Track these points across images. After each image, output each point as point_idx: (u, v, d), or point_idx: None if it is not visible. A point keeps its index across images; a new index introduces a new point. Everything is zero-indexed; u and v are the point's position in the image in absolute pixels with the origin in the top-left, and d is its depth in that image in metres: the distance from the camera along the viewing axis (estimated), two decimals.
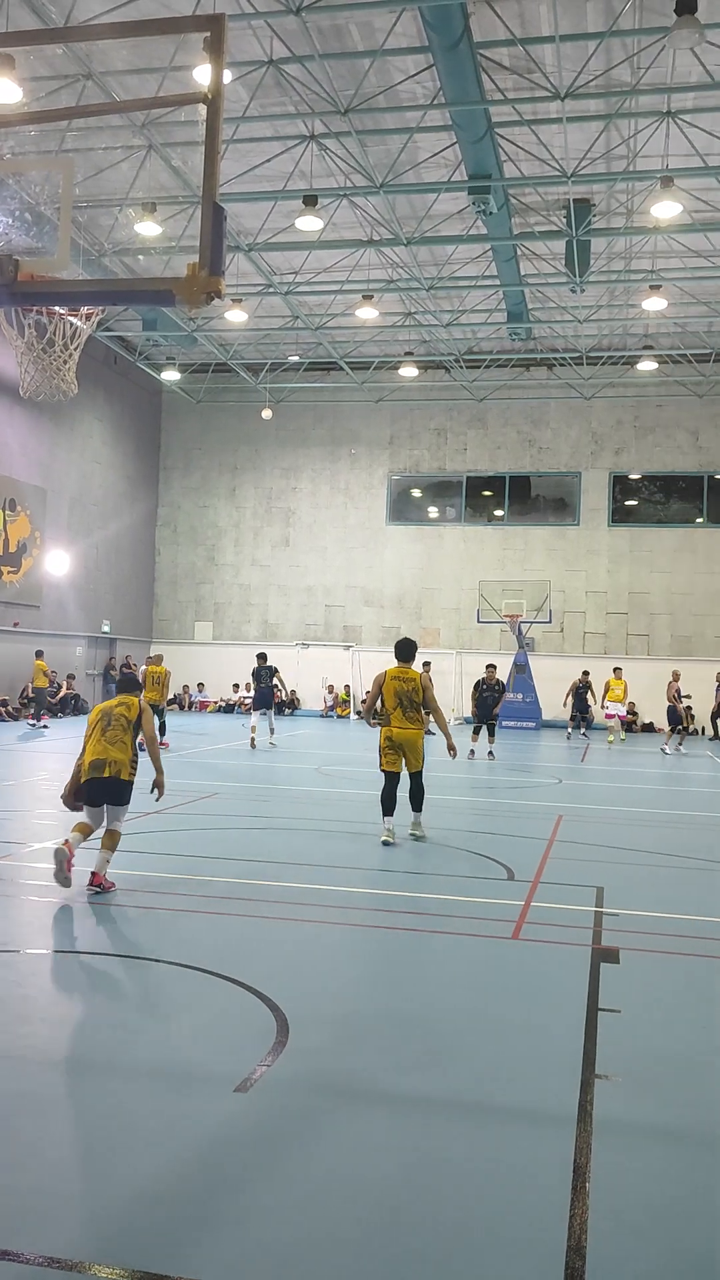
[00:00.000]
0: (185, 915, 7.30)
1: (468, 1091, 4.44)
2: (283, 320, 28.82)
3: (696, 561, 31.51)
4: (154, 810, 11.31)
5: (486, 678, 19.47)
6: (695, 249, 22.75)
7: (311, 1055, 4.75)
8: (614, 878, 8.86)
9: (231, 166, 19.48)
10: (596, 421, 32.33)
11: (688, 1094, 4.52)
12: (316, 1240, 3.28)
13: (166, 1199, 3.49)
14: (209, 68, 4.38)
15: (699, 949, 6.73)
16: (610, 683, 25.82)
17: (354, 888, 8.11)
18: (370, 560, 33.71)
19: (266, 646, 30.68)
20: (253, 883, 8.24)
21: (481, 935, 6.90)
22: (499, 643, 32.01)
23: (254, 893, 7.90)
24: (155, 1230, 3.30)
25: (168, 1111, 4.16)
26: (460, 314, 27.59)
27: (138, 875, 8.19)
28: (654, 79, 17.13)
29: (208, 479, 35.05)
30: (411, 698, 10.12)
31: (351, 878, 8.51)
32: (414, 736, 10.20)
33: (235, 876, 8.47)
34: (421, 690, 10.20)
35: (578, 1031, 5.11)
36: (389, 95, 17.86)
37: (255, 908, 7.46)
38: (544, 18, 15.81)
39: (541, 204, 21.67)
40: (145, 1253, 3.16)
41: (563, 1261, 3.19)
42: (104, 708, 7.96)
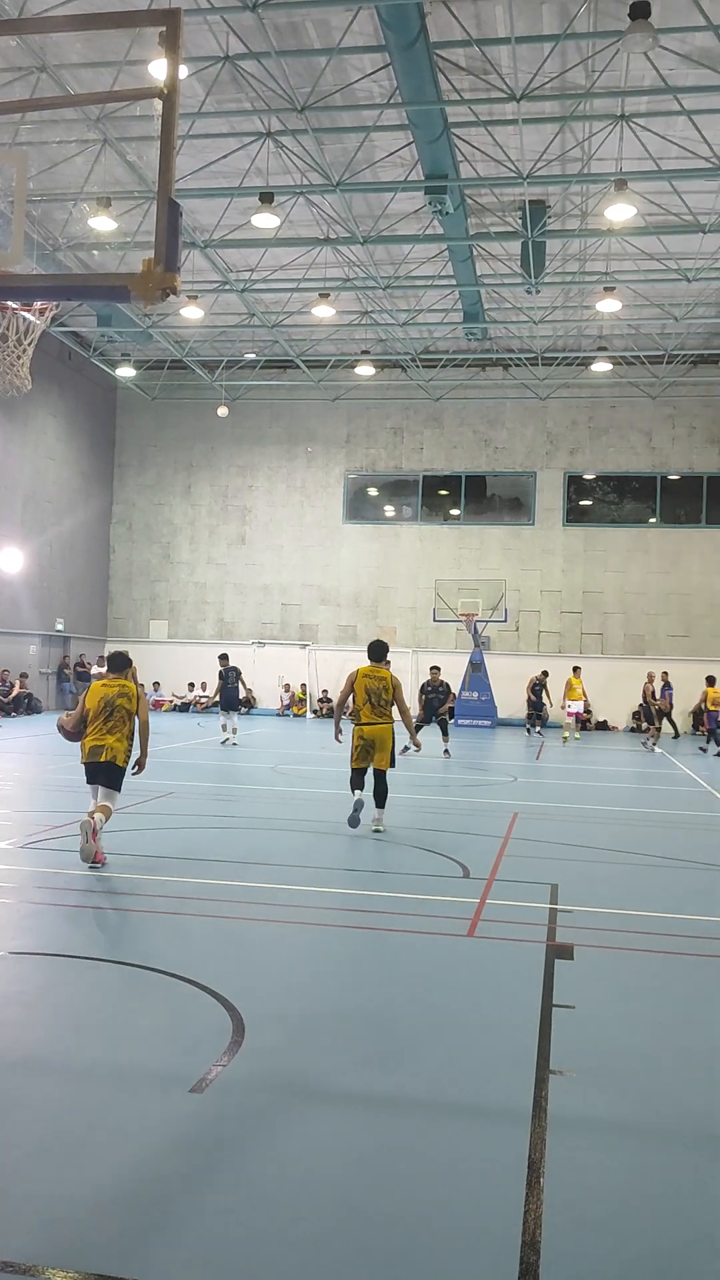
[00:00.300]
0: (140, 916, 7.25)
1: (423, 1088, 4.46)
2: (239, 318, 28.72)
3: (649, 561, 31.86)
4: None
5: (431, 679, 19.68)
6: (649, 252, 23.00)
7: (267, 1055, 4.74)
8: (568, 875, 8.93)
9: (187, 162, 19.37)
10: (551, 422, 32.58)
11: (641, 1088, 4.57)
12: (272, 1239, 3.28)
13: (121, 1201, 3.46)
14: (165, 62, 4.36)
15: (652, 945, 6.80)
16: (571, 681, 26.16)
17: (310, 887, 8.10)
18: (327, 559, 33.70)
19: (223, 645, 30.58)
20: (209, 882, 8.21)
21: (437, 933, 6.92)
22: (455, 641, 32.15)
23: (210, 892, 7.87)
24: (110, 1232, 3.28)
25: (122, 1113, 4.14)
26: (417, 313, 27.66)
27: (93, 875, 8.13)
28: (608, 82, 17.28)
29: (163, 476, 34.83)
30: (381, 695, 10.54)
31: (308, 877, 8.50)
32: (383, 732, 10.53)
33: (191, 876, 8.42)
34: (392, 688, 10.62)
35: (532, 1027, 5.15)
36: (345, 94, 17.86)
37: (211, 907, 7.43)
38: (500, 19, 15.90)
39: (497, 205, 21.79)
40: (100, 1255, 3.13)
41: (517, 1256, 3.21)
42: (106, 696, 8.55)
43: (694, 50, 16.23)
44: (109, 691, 8.59)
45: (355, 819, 10.30)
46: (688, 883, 9.00)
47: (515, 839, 10.70)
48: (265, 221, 20.42)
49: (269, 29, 16.08)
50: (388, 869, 9.22)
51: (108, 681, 8.75)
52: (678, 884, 8.93)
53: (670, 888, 8.76)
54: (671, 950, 6.72)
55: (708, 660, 31.02)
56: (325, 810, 12.41)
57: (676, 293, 25.67)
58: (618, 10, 15.23)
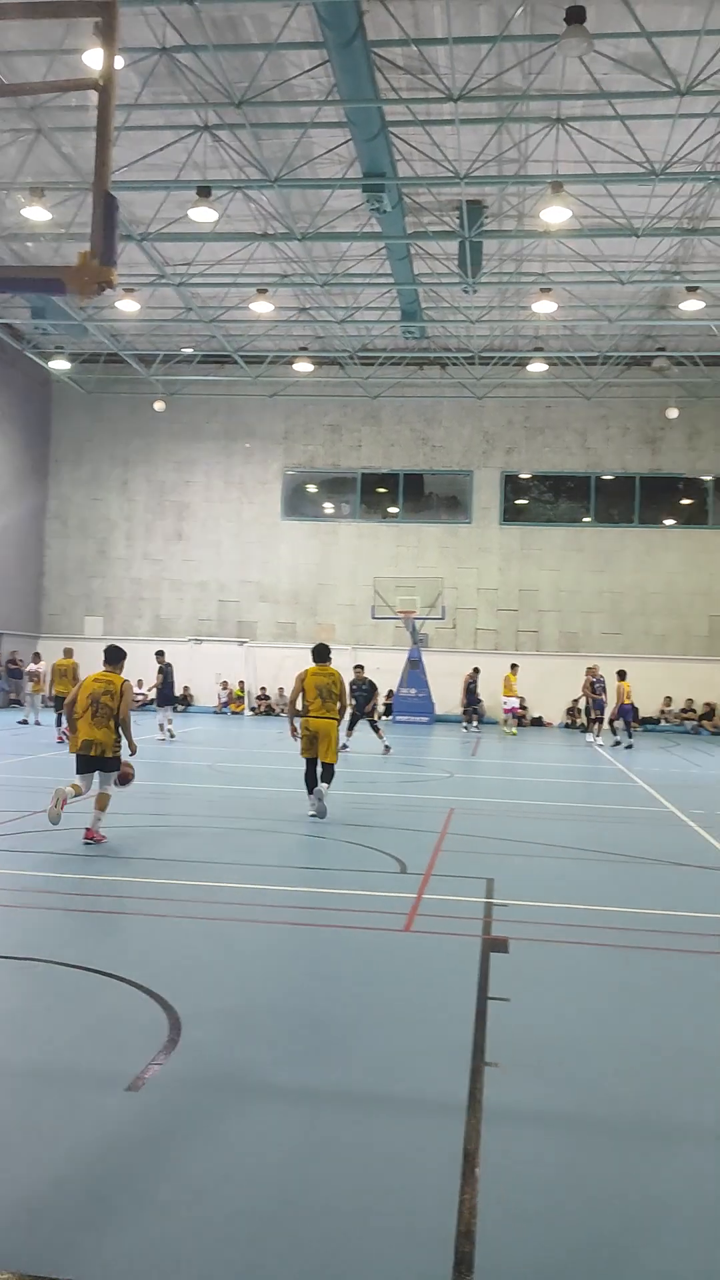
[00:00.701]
0: (75, 915, 7.18)
1: (358, 1083, 4.48)
2: (176, 312, 28.49)
3: (584, 560, 32.29)
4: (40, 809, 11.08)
5: (356, 677, 19.77)
6: (584, 254, 23.28)
7: (203, 1052, 4.73)
8: (504, 869, 9.02)
9: (123, 154, 19.16)
10: (488, 421, 32.84)
11: (574, 1078, 4.64)
12: (208, 1235, 3.28)
13: (56, 1201, 3.44)
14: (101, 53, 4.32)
15: (585, 937, 6.91)
16: (508, 678, 26.54)
17: (247, 884, 8.09)
18: (265, 555, 33.59)
19: (159, 642, 30.31)
20: (144, 881, 8.15)
21: (374, 928, 6.96)
22: (393, 639, 32.27)
23: (145, 891, 7.82)
24: (45, 1233, 3.25)
25: (57, 1113, 4.10)
26: (355, 311, 27.69)
27: (27, 875, 8.03)
28: (544, 85, 17.46)
29: (99, 471, 34.43)
30: (330, 689, 11.45)
31: (244, 874, 8.48)
32: (329, 726, 11.37)
33: (126, 875, 8.36)
34: (339, 685, 11.57)
35: (468, 1020, 5.20)
36: (283, 89, 17.81)
37: (147, 906, 7.38)
38: (437, 19, 15.97)
39: (435, 204, 21.89)
40: (36, 1256, 3.11)
41: (452, 1246, 3.25)
42: (94, 692, 9.46)
43: (628, 56, 16.47)
44: (97, 688, 9.49)
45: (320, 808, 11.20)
46: (621, 876, 9.15)
47: (452, 834, 10.79)
48: (203, 215, 20.28)
49: (206, 22, 15.98)
50: (324, 865, 9.23)
51: (98, 676, 9.64)
52: (611, 877, 9.08)
53: (603, 881, 8.90)
54: (604, 943, 6.83)
55: (638, 657, 31.55)
56: (262, 808, 12.39)
57: (611, 295, 26.03)
58: (554, 14, 15.39)
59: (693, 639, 31.76)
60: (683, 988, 6.00)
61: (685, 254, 23.73)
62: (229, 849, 9.78)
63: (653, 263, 23.71)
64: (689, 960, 6.59)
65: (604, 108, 17.71)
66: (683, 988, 6.00)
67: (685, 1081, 4.66)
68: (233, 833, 10.68)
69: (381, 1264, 3.17)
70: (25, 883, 7.84)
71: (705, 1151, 4.02)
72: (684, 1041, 5.15)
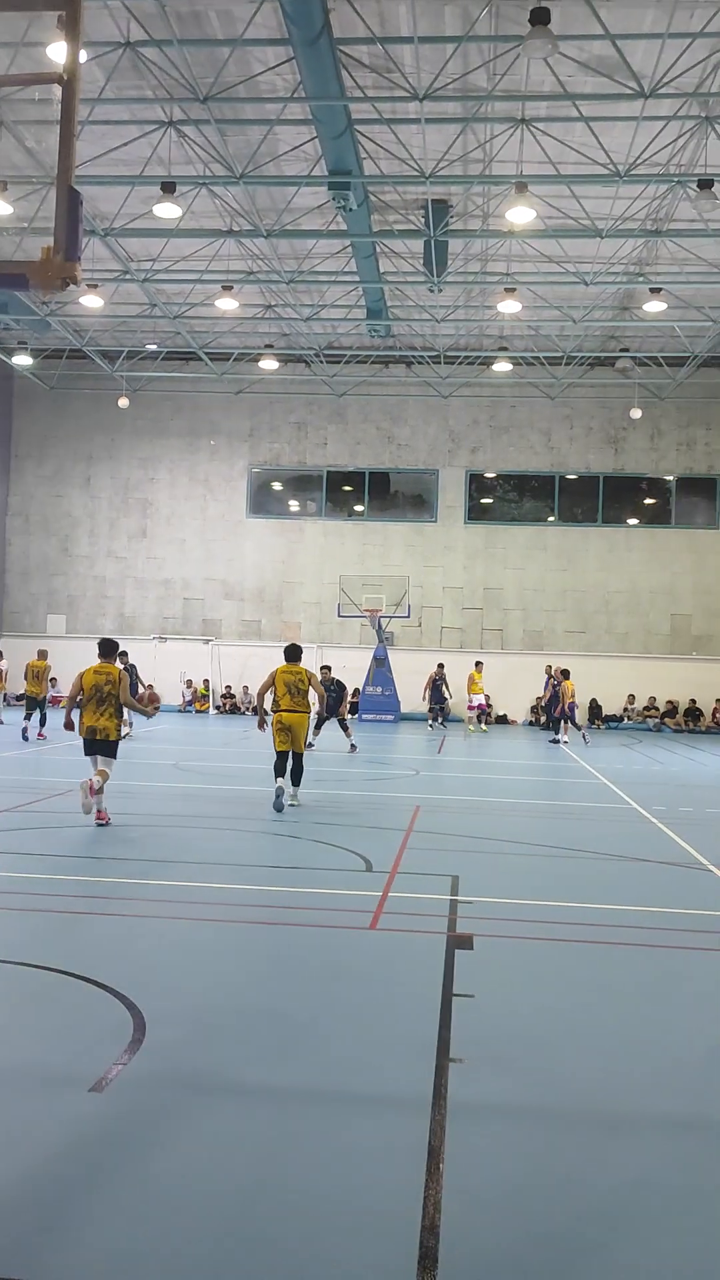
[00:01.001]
0: (38, 915, 7.13)
1: (323, 1080, 4.49)
2: (140, 308, 28.31)
3: (548, 559, 32.47)
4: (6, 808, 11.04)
5: (323, 678, 19.82)
6: (548, 254, 23.40)
7: (168, 1052, 4.72)
8: (469, 866, 9.07)
9: (87, 149, 19.01)
10: (453, 420, 32.93)
11: (537, 1073, 4.68)
12: (173, 1235, 3.27)
13: (19, 1203, 3.42)
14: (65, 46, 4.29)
15: (548, 933, 6.96)
16: (473, 675, 26.68)
17: (213, 883, 8.07)
18: (230, 553, 33.48)
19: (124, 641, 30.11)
20: (108, 880, 8.11)
21: (340, 926, 6.97)
22: (359, 637, 32.28)
23: (109, 890, 7.78)
24: (9, 1235, 3.23)
25: (19, 1114, 4.07)
26: (320, 309, 27.66)
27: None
28: (509, 86, 17.52)
29: (62, 468, 34.14)
30: (299, 686, 12.30)
31: (210, 873, 8.46)
32: (300, 719, 12.25)
33: (90, 875, 8.31)
34: (307, 681, 12.43)
35: (433, 1017, 5.23)
36: (249, 86, 17.74)
37: (111, 905, 7.34)
38: (403, 18, 15.99)
39: (400, 203, 21.91)
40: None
41: (417, 1241, 3.27)
42: (96, 683, 10.50)
43: (592, 58, 16.57)
44: (98, 679, 10.55)
45: (280, 804, 11.73)
46: (584, 872, 9.23)
47: (417, 831, 10.82)
48: (167, 211, 20.17)
49: (171, 17, 15.88)
50: (291, 864, 9.23)
51: (97, 668, 10.70)
52: (574, 874, 9.15)
53: (567, 877, 8.97)
54: (568, 938, 6.89)
55: (601, 655, 31.84)
56: (227, 807, 12.36)
57: (575, 295, 26.18)
58: (518, 15, 15.45)
59: (654, 637, 32.05)
60: (644, 981, 6.07)
61: (649, 255, 23.92)
62: (194, 848, 9.76)
63: (616, 264, 23.88)
64: (651, 954, 6.67)
65: (568, 109, 17.80)
66: (644, 981, 6.07)
67: (646, 1073, 4.72)
68: (198, 832, 10.65)
69: (347, 1260, 3.18)
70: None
71: (665, 1141, 4.07)
72: (645, 1034, 5.21)
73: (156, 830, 10.70)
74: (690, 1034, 5.27)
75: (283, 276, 24.41)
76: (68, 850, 9.17)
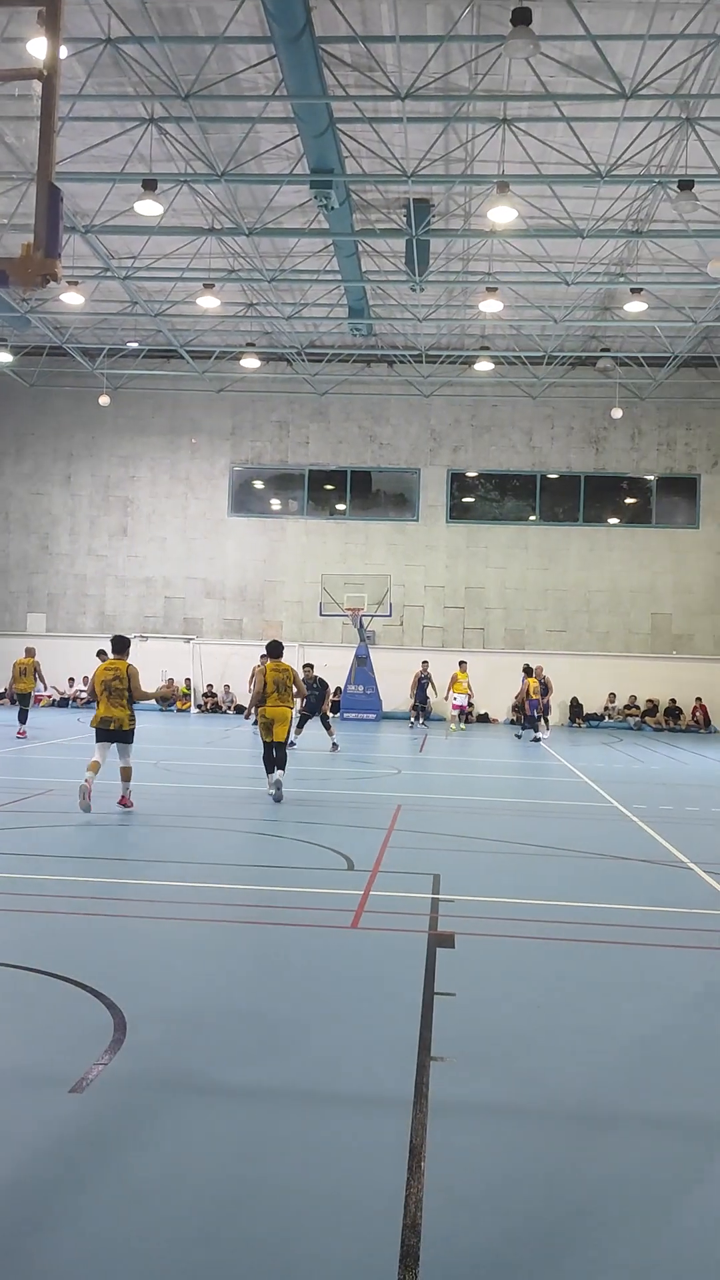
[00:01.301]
0: (18, 915, 7.09)
1: (305, 1080, 4.49)
2: (121, 305, 28.21)
3: (529, 558, 32.56)
4: None
5: (305, 676, 19.80)
6: (530, 254, 23.45)
7: (149, 1052, 4.70)
8: (450, 865, 9.09)
9: (68, 145, 18.92)
10: (435, 419, 32.96)
11: (519, 1071, 4.69)
12: (154, 1235, 3.26)
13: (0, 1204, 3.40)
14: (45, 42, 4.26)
15: (529, 931, 6.98)
16: (456, 675, 26.75)
17: (193, 882, 8.05)
18: (212, 551, 33.41)
19: (104, 639, 30.01)
20: (89, 880, 8.08)
21: (321, 925, 6.97)
22: (341, 636, 32.28)
23: (90, 890, 7.75)
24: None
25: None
26: (302, 307, 27.63)
27: None
28: (491, 86, 17.55)
29: (41, 465, 33.98)
30: (284, 684, 13.11)
31: (191, 873, 8.44)
32: (284, 713, 13.10)
33: (70, 874, 8.28)
34: (292, 678, 13.26)
35: (414, 1016, 5.23)
36: (230, 83, 17.70)
37: (91, 905, 7.32)
38: (385, 17, 15.98)
39: (382, 202, 21.91)
40: None
41: (399, 1239, 3.27)
42: (105, 680, 11.49)
43: (573, 59, 16.62)
44: (107, 676, 11.55)
45: (279, 796, 12.59)
46: (565, 871, 9.26)
47: (399, 830, 10.83)
48: (148, 209, 20.09)
49: (152, 13, 15.83)
50: (272, 863, 9.22)
51: (108, 665, 11.70)
52: (555, 872, 9.18)
53: (548, 876, 8.99)
54: (548, 936, 6.91)
55: (582, 654, 31.96)
56: (208, 806, 12.34)
57: (556, 295, 26.25)
58: (500, 15, 15.48)
59: (635, 636, 32.19)
60: (625, 979, 6.09)
61: (630, 256, 24.01)
62: (175, 847, 9.73)
63: (598, 264, 23.96)
64: (631, 952, 6.69)
65: (550, 109, 17.85)
66: (625, 979, 6.09)
67: (626, 1070, 4.74)
68: (179, 831, 10.63)
69: (329, 1259, 3.18)
70: None
71: (645, 1138, 4.09)
72: (625, 1031, 5.23)
73: (138, 830, 10.67)
74: (670, 1031, 5.29)
75: (264, 275, 24.37)
76: (48, 850, 9.13)
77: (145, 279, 25.50)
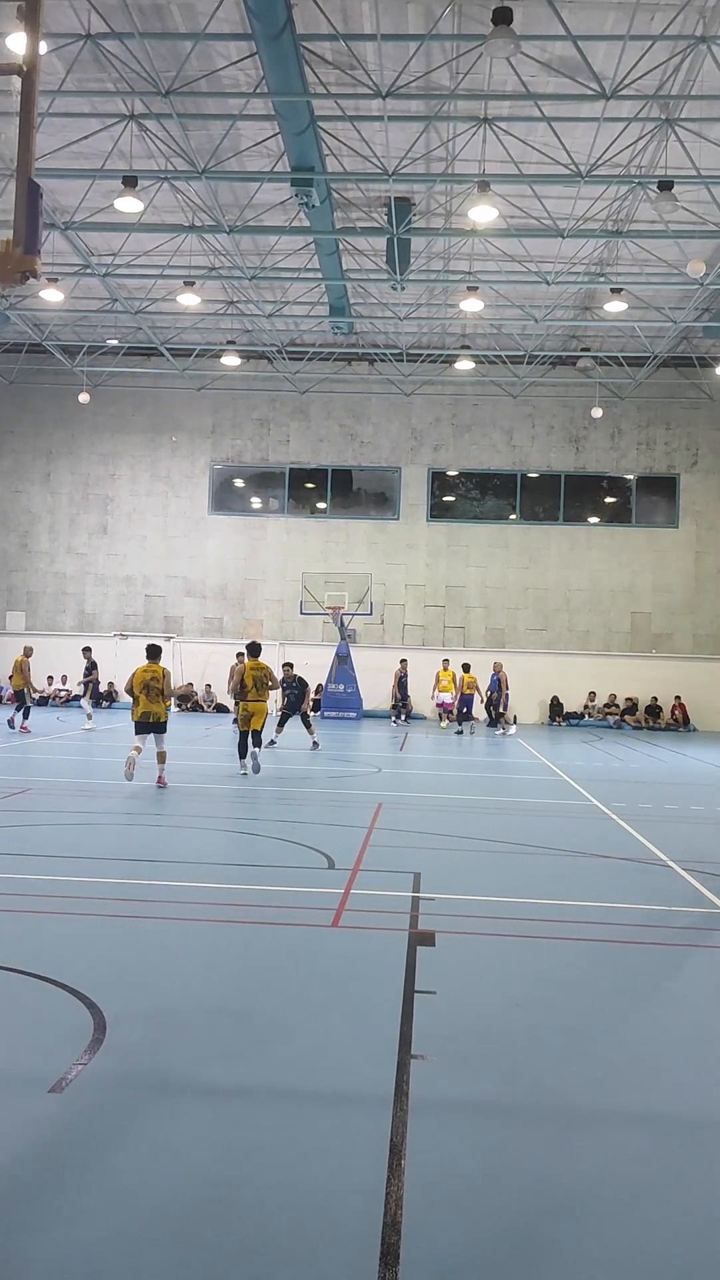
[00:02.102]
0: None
1: (285, 1078, 4.49)
2: (101, 302, 28.08)
3: (509, 557, 32.63)
4: None
5: (285, 675, 19.87)
6: (510, 253, 23.49)
7: (129, 1052, 4.69)
8: (431, 863, 9.10)
9: (47, 141, 18.81)
10: (416, 418, 32.98)
11: (499, 1069, 4.70)
12: (135, 1235, 3.26)
13: None
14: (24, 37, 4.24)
15: (509, 929, 7.00)
16: (440, 674, 26.88)
17: (175, 881, 8.03)
18: (192, 550, 33.32)
19: (85, 638, 29.92)
20: (67, 879, 8.05)
21: (302, 924, 6.97)
22: (321, 634, 32.26)
23: (68, 889, 7.72)
24: None
25: None
26: (283, 305, 27.59)
27: None
28: (472, 85, 17.56)
29: (20, 463, 33.79)
30: (262, 680, 15.08)
31: (172, 872, 8.42)
32: (262, 707, 15.07)
33: (49, 874, 8.24)
34: (269, 675, 15.18)
35: (395, 1014, 5.24)
36: (211, 80, 17.65)
37: (70, 905, 7.29)
38: (366, 15, 15.98)
39: (363, 200, 21.90)
40: None
41: (379, 1237, 3.27)
42: (145, 680, 13.66)
43: (554, 59, 16.66)
44: (146, 676, 13.71)
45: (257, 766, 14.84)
46: (543, 868, 9.29)
47: (379, 829, 10.84)
48: (128, 206, 20.00)
49: (132, 9, 15.76)
50: (252, 862, 9.21)
51: (145, 668, 13.83)
52: (534, 869, 9.21)
53: (528, 874, 9.02)
54: (528, 934, 6.93)
55: (562, 653, 32.06)
56: (188, 805, 12.32)
57: (536, 294, 26.32)
58: (481, 14, 15.50)
59: (615, 635, 32.32)
60: (604, 977, 6.12)
61: (610, 256, 24.09)
62: (155, 846, 9.71)
63: (578, 264, 24.03)
64: (611, 950, 6.72)
65: (530, 109, 17.87)
66: (604, 977, 6.12)
67: (605, 1068, 4.76)
68: (159, 829, 10.59)
69: (309, 1257, 3.18)
70: None
71: (624, 1135, 4.11)
72: (604, 1029, 5.25)
73: (117, 829, 10.63)
74: (650, 1029, 5.32)
75: (245, 272, 24.32)
76: (28, 849, 9.09)
77: (125, 276, 25.40)
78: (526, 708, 31.87)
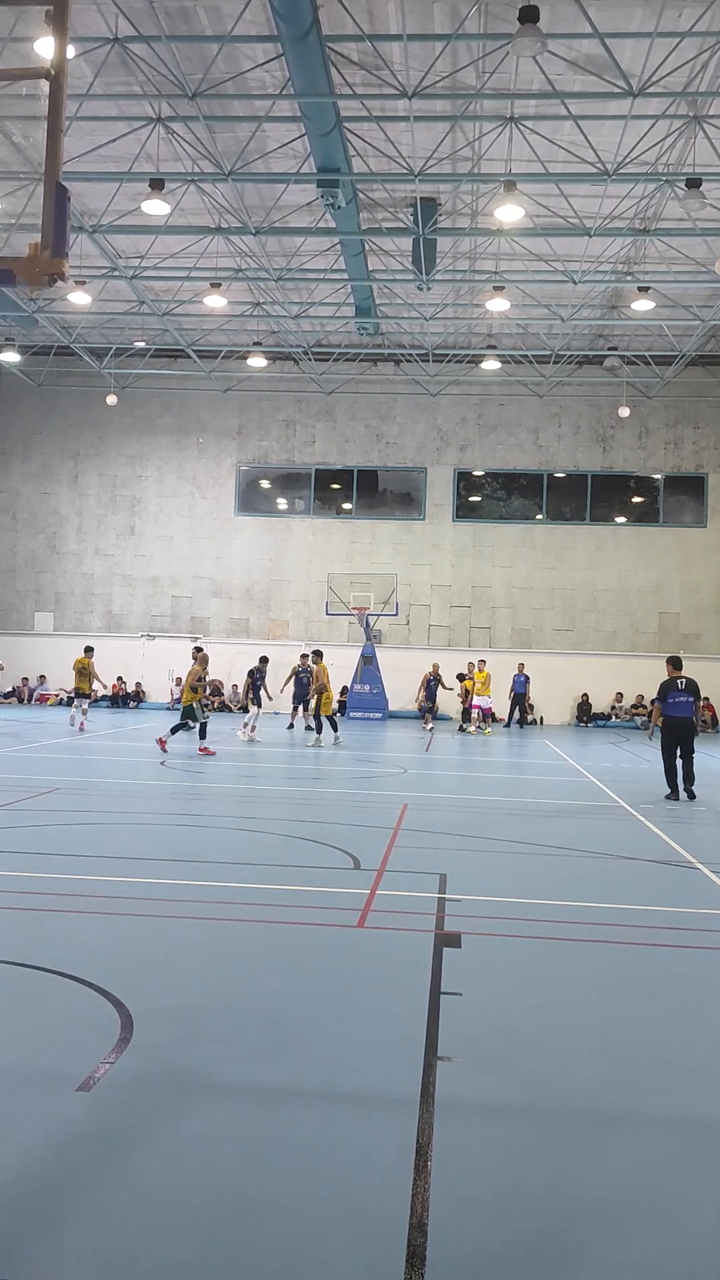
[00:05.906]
0: (25, 914, 7.10)
1: (311, 1079, 4.49)
2: (128, 305, 28.23)
3: (535, 556, 32.52)
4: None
5: (301, 664, 22.41)
6: (537, 252, 23.42)
7: (155, 1050, 4.70)
8: (457, 864, 9.07)
9: (75, 145, 18.95)
10: (442, 418, 32.93)
11: (525, 1071, 4.68)
12: (161, 1234, 3.26)
13: (4, 1203, 3.40)
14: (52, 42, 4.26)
15: (535, 931, 6.96)
16: (476, 675, 26.63)
17: (200, 881, 8.05)
18: (218, 551, 33.43)
19: (112, 639, 30.13)
20: (95, 879, 8.09)
21: (328, 924, 6.96)
22: (347, 635, 32.27)
23: (95, 889, 7.76)
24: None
25: (6, 1114, 4.06)
26: (309, 306, 27.63)
27: None
28: (498, 84, 17.53)
29: (49, 465, 34.03)
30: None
31: (198, 871, 8.45)
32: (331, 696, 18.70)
33: (76, 873, 8.29)
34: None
35: (421, 1015, 5.22)
36: (237, 82, 17.71)
37: (97, 904, 7.32)
38: (392, 16, 15.97)
39: (389, 200, 21.90)
40: None
41: (405, 1239, 3.26)
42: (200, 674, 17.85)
43: (580, 57, 16.59)
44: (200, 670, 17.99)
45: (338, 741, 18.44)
46: (571, 870, 9.24)
47: (405, 830, 10.82)
48: (155, 208, 20.11)
49: (159, 13, 15.84)
50: (278, 862, 9.22)
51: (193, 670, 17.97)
52: (562, 872, 9.16)
53: (555, 875, 8.98)
54: (555, 936, 6.89)
55: (589, 654, 31.91)
56: (214, 804, 12.35)
57: (563, 294, 26.23)
58: (507, 13, 15.46)
59: (642, 636, 32.13)
60: (632, 980, 6.08)
61: (637, 254, 23.98)
62: (181, 846, 9.74)
63: (605, 263, 23.93)
64: (638, 953, 6.68)
65: (557, 107, 17.82)
66: (632, 980, 6.08)
67: (633, 1071, 4.72)
68: (183, 829, 10.63)
69: (335, 1259, 3.18)
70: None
71: (652, 1139, 4.08)
72: (632, 1031, 5.22)
73: (143, 828, 10.68)
74: (679, 1032, 5.28)
75: (271, 274, 24.38)
76: (56, 849, 9.14)
77: (152, 278, 25.53)
78: (552, 708, 31.75)
